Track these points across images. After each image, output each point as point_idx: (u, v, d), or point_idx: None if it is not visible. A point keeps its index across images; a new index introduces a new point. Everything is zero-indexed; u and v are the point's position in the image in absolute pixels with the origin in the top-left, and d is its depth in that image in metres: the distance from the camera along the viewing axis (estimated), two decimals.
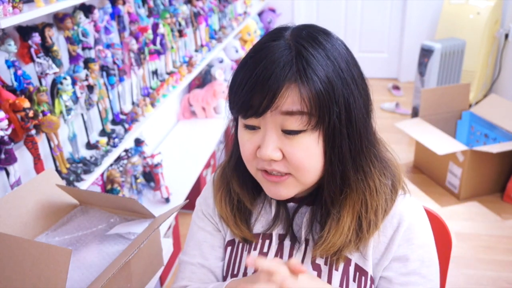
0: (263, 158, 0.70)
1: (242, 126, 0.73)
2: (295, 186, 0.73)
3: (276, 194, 0.74)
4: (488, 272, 2.05)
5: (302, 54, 0.67)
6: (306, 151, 0.69)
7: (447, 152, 2.43)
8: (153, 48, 1.94)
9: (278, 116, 0.67)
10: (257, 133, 0.71)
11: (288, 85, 0.65)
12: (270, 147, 0.68)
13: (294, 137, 0.68)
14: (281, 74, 0.65)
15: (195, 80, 2.87)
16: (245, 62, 0.70)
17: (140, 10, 1.92)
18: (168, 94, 2.04)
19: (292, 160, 0.69)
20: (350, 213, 0.74)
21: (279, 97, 0.65)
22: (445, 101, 2.86)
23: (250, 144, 0.72)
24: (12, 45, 1.18)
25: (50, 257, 0.66)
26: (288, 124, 0.67)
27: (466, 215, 2.45)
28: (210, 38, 2.68)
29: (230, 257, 0.85)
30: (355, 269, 0.77)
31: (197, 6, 2.46)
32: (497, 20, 3.50)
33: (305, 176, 0.71)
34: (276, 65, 0.66)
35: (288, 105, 0.66)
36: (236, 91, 0.69)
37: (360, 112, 0.71)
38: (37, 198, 0.93)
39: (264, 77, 0.65)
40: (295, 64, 0.66)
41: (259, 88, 0.66)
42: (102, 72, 1.60)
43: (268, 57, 0.67)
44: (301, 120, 0.67)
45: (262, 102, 0.66)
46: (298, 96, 0.65)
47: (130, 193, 1.86)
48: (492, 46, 3.54)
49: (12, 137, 1.15)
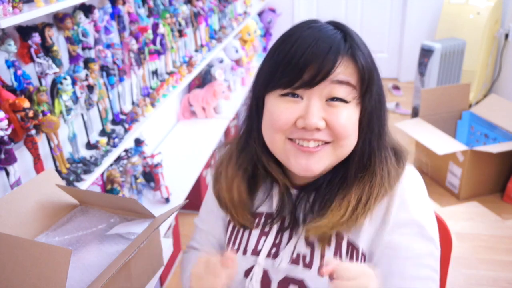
0: (309, 127, 0.72)
1: (277, 96, 0.75)
2: (327, 158, 0.75)
3: (306, 168, 0.75)
4: (488, 272, 2.05)
5: (349, 34, 0.74)
6: (349, 120, 0.73)
7: (447, 152, 2.43)
8: (153, 48, 1.94)
9: (328, 85, 0.71)
10: (297, 103, 0.74)
11: (344, 57, 0.72)
12: (316, 115, 0.72)
13: (338, 107, 0.72)
14: (339, 47, 0.71)
15: (195, 80, 2.87)
16: (293, 40, 0.74)
17: (140, 10, 1.92)
18: (168, 94, 2.04)
19: (337, 127, 0.72)
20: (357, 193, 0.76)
21: (336, 68, 0.71)
22: (445, 101, 2.86)
23: (289, 113, 0.74)
24: (12, 45, 1.18)
25: (50, 257, 0.66)
26: (336, 92, 0.72)
27: (466, 215, 2.45)
28: (210, 38, 2.68)
29: (232, 233, 0.88)
30: (348, 245, 0.78)
31: (197, 6, 2.46)
32: (497, 20, 3.51)
33: (344, 145, 0.75)
34: (332, 39, 0.72)
35: (341, 75, 0.71)
36: (287, 64, 0.72)
37: (385, 99, 0.79)
38: (37, 198, 0.93)
39: (323, 49, 0.71)
40: (348, 41, 0.73)
41: (318, 60, 0.70)
42: (102, 72, 1.59)
43: (321, 33, 0.73)
44: (349, 91, 0.72)
45: (319, 73, 0.70)
46: (351, 68, 0.72)
47: (130, 193, 1.86)
48: (492, 46, 3.55)
49: (12, 137, 1.15)
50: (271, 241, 0.83)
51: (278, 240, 0.83)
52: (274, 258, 0.81)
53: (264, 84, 0.77)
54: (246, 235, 0.85)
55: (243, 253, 0.84)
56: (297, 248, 0.80)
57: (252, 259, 0.83)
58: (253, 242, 0.84)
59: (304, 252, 0.80)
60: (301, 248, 0.80)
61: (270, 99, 0.76)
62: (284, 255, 0.80)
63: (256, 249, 0.83)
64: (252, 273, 0.81)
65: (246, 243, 0.84)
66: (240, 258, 0.84)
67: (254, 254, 0.83)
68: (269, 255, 0.82)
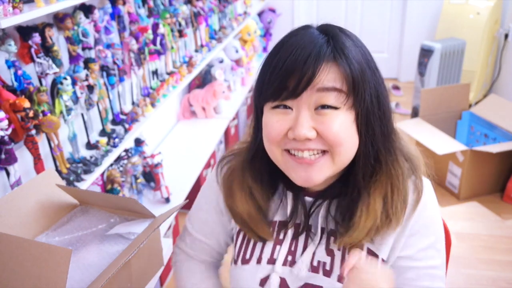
0: (298, 138, 0.70)
1: (270, 109, 0.74)
2: (328, 167, 0.73)
3: (306, 179, 0.74)
4: (488, 272, 2.05)
5: (335, 37, 0.71)
6: (341, 126, 0.71)
7: (447, 152, 2.43)
8: (153, 48, 1.94)
9: (314, 94, 0.69)
10: (287, 114, 0.72)
11: (326, 62, 0.69)
12: (305, 126, 0.70)
13: (328, 114, 0.70)
14: (319, 52, 0.69)
15: (195, 80, 2.87)
16: (278, 49, 0.72)
17: (140, 10, 1.92)
18: (168, 94, 2.04)
19: (329, 134, 0.70)
20: (380, 197, 0.76)
21: (318, 74, 0.68)
22: (445, 101, 2.86)
23: (279, 125, 0.73)
24: (12, 45, 1.19)
25: (50, 257, 0.66)
26: (324, 99, 0.69)
27: (466, 215, 2.45)
28: (210, 38, 2.68)
29: (242, 243, 0.87)
30: (367, 253, 0.78)
31: (197, 6, 2.46)
32: (497, 20, 3.51)
33: (342, 152, 0.72)
34: (314, 45, 0.69)
35: (326, 82, 0.69)
36: (271, 75, 0.71)
37: (386, 99, 0.75)
38: (37, 198, 0.93)
39: (303, 57, 0.68)
40: (331, 45, 0.70)
41: (298, 67, 0.68)
42: (102, 72, 1.60)
43: (304, 39, 0.70)
44: (337, 97, 0.69)
45: (301, 81, 0.68)
46: (336, 73, 0.69)
47: (130, 193, 1.86)
48: (492, 46, 3.55)
49: (12, 137, 1.15)
50: (286, 249, 0.82)
51: (293, 247, 0.82)
52: (291, 266, 0.81)
53: (257, 96, 0.77)
54: (259, 245, 0.84)
55: (257, 262, 0.83)
56: (316, 256, 0.80)
57: (268, 268, 0.82)
58: (268, 251, 0.83)
59: (324, 260, 0.79)
60: (321, 256, 0.80)
61: (265, 111, 0.76)
62: (303, 263, 0.80)
63: (272, 258, 0.82)
64: (269, 281, 0.81)
65: (260, 252, 0.83)
66: (254, 267, 0.83)
67: (270, 263, 0.82)
68: (285, 263, 0.81)
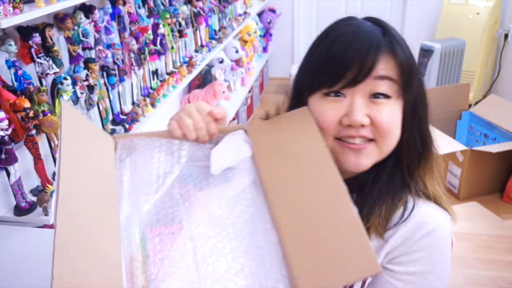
0: (354, 124, 0.72)
1: (320, 96, 0.75)
2: (374, 155, 0.76)
3: (356, 164, 0.76)
4: (488, 272, 2.05)
5: (387, 29, 0.76)
6: (392, 116, 0.74)
7: (446, 152, 2.43)
8: (153, 48, 1.94)
9: (371, 81, 0.72)
10: (339, 102, 0.74)
11: (383, 52, 0.72)
12: (361, 113, 0.72)
13: (381, 103, 0.73)
14: (378, 42, 0.72)
15: (195, 80, 2.87)
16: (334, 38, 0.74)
17: (140, 11, 1.92)
18: (168, 94, 2.04)
19: (381, 124, 0.73)
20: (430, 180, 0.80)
21: (378, 63, 0.71)
22: (445, 101, 2.86)
23: (333, 112, 0.74)
24: (12, 45, 1.19)
25: None
26: (378, 87, 0.72)
27: (466, 215, 2.45)
28: (210, 38, 2.68)
29: None
30: None
31: (197, 6, 2.46)
32: (497, 20, 3.51)
33: (388, 142, 0.75)
34: (372, 35, 0.73)
35: (383, 71, 0.72)
36: (329, 64, 0.73)
37: (425, 89, 0.79)
38: None
39: (364, 46, 0.72)
40: (387, 36, 0.74)
41: (359, 57, 0.71)
42: (102, 72, 1.60)
43: (361, 30, 0.74)
44: (390, 86, 0.73)
45: (362, 70, 0.71)
46: (391, 63, 0.73)
47: None
48: (491, 46, 3.55)
49: (12, 137, 1.15)
50: None
51: None
52: None
53: (307, 86, 0.77)
54: None
55: None
56: None
57: None
58: None
59: None
60: None
61: (313, 101, 0.77)
62: None
63: None
64: None
65: None
66: None
67: None
68: None
